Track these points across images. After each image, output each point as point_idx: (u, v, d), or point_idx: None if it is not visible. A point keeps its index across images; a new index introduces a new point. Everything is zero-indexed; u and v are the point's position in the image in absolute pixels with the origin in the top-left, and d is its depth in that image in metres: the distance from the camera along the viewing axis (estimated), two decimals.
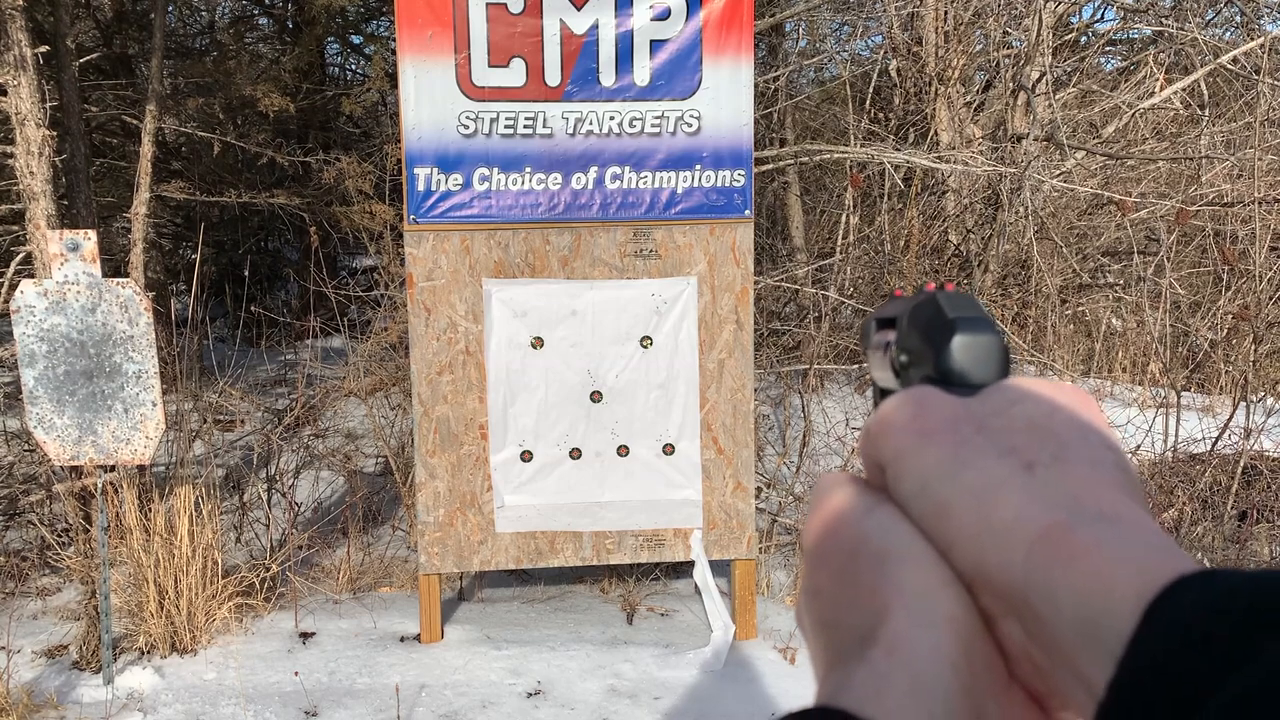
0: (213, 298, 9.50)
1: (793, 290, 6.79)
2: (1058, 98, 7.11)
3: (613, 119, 3.69)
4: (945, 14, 7.54)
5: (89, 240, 3.43)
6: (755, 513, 4.03)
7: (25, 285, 3.43)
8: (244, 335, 6.98)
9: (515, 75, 3.64)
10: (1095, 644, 0.28)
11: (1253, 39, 7.08)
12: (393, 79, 6.34)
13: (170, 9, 8.96)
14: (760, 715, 3.40)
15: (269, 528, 4.74)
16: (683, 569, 4.42)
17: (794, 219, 8.92)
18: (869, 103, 8.02)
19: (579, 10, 3.63)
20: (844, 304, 6.26)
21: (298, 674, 3.62)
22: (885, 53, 8.14)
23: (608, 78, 3.67)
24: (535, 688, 3.56)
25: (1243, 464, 4.69)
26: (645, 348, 3.82)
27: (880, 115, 8.20)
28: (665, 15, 3.67)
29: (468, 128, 3.65)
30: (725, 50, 3.70)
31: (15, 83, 4.12)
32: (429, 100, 3.62)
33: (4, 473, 5.24)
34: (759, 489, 4.86)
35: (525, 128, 3.67)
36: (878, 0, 8.32)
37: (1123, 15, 8.40)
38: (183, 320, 6.79)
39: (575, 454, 3.87)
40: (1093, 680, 0.29)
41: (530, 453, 3.85)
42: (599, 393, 3.83)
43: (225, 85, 7.30)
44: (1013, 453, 0.33)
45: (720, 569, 4.06)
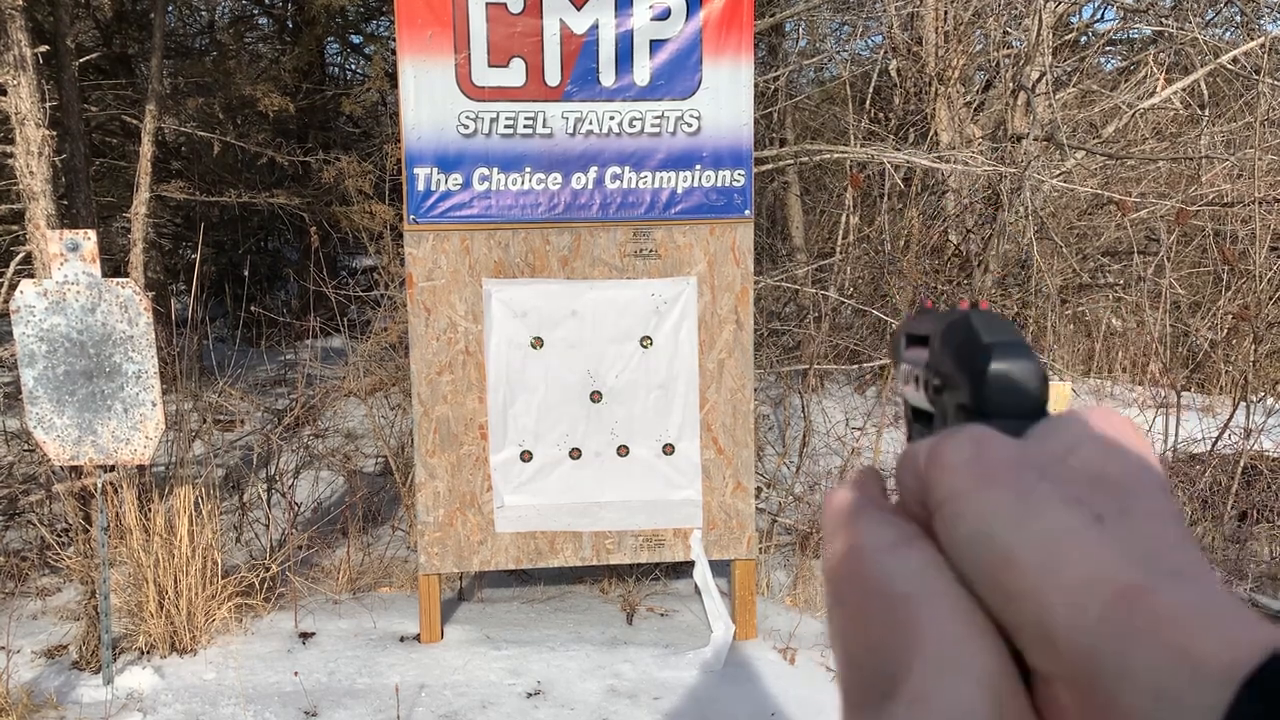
0: (213, 298, 9.50)
1: (793, 290, 6.79)
2: (1058, 98, 7.11)
3: (613, 119, 3.69)
4: (945, 14, 7.54)
5: (89, 240, 3.42)
6: (755, 513, 4.03)
7: (25, 285, 3.42)
8: (244, 335, 6.98)
9: (515, 75, 3.64)
10: (1176, 717, 0.27)
11: (1253, 39, 7.07)
12: (393, 79, 6.35)
13: (170, 9, 8.96)
14: (760, 715, 3.40)
15: (269, 528, 4.73)
16: (683, 569, 4.42)
17: (794, 219, 8.93)
18: (869, 103, 8.02)
19: (579, 10, 3.63)
20: (844, 304, 6.26)
21: (297, 674, 3.62)
22: (885, 53, 8.14)
23: (608, 78, 3.67)
24: (535, 688, 3.56)
25: (1243, 464, 4.69)
26: (645, 348, 3.82)
27: (880, 115, 8.20)
28: (665, 15, 3.67)
29: (467, 128, 3.65)
30: (725, 50, 3.70)
31: (15, 82, 4.12)
32: (429, 100, 3.62)
33: (4, 473, 5.24)
34: (759, 489, 4.86)
35: (525, 128, 3.67)
36: (878, 0, 8.32)
37: (1123, 15, 8.40)
38: (183, 320, 6.79)
39: (575, 454, 3.86)
40: None
41: (530, 453, 3.85)
42: (599, 393, 3.83)
43: (225, 85, 7.30)
44: (1080, 503, 0.31)
45: (720, 569, 4.06)
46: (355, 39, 10.62)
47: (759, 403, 5.79)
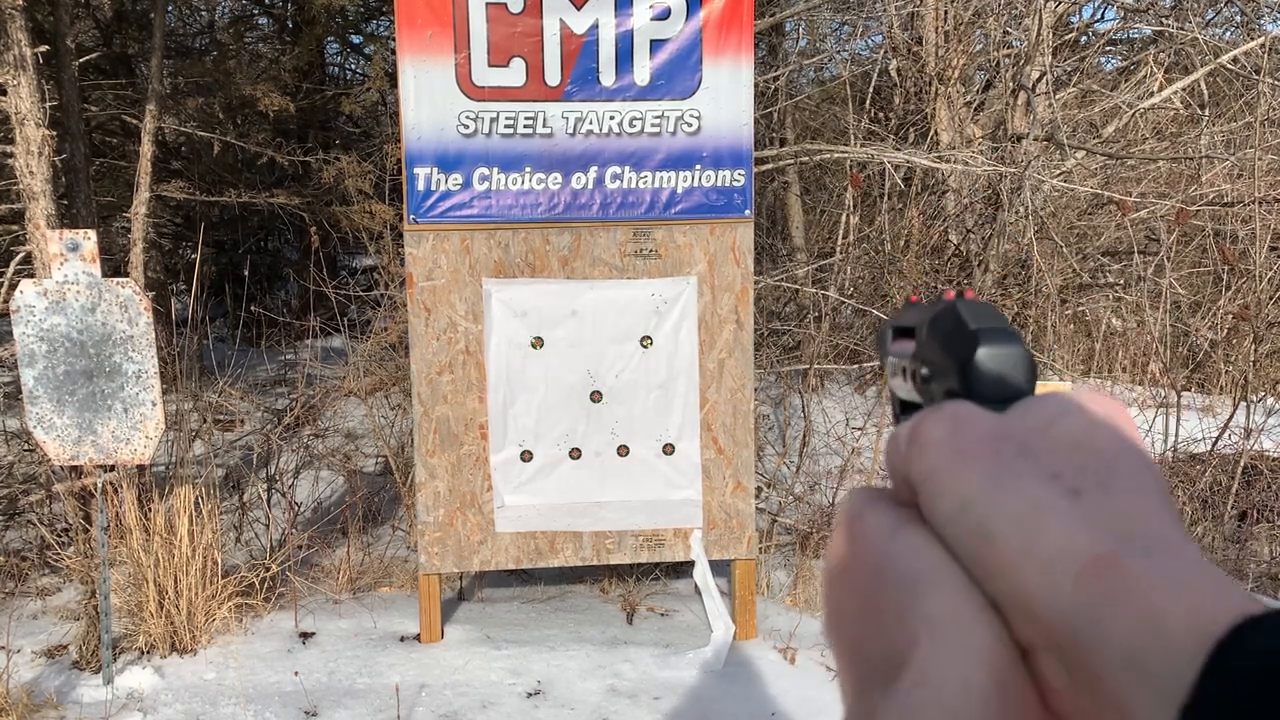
0: (213, 298, 9.50)
1: (793, 290, 6.79)
2: (1058, 98, 7.11)
3: (613, 119, 3.69)
4: (945, 14, 7.54)
5: (89, 240, 3.42)
6: (755, 513, 4.03)
7: (25, 285, 3.42)
8: (244, 335, 6.98)
9: (515, 75, 3.64)
10: (1146, 685, 0.27)
11: (1253, 39, 7.08)
12: (393, 79, 6.34)
13: (170, 9, 8.96)
14: (760, 715, 3.40)
15: (269, 528, 4.73)
16: (683, 569, 4.42)
17: (794, 219, 8.93)
18: (869, 103, 8.03)
19: (579, 10, 3.63)
20: (844, 304, 6.26)
21: (298, 674, 3.62)
22: (885, 52, 8.14)
23: (608, 77, 3.67)
24: (535, 688, 3.56)
25: (1243, 464, 4.69)
26: (645, 348, 3.82)
27: (880, 115, 8.20)
28: (665, 15, 3.67)
29: (467, 127, 3.65)
30: (725, 50, 3.70)
31: (15, 82, 4.12)
32: (429, 100, 3.62)
33: (4, 473, 5.24)
34: (759, 489, 4.86)
35: (525, 127, 3.67)
36: (878, 0, 8.32)
37: (1123, 15, 8.40)
38: (183, 320, 6.79)
39: (575, 454, 3.86)
40: None
41: (530, 453, 3.85)
42: (599, 393, 3.83)
43: (225, 85, 7.30)
44: (1057, 478, 0.31)
45: (720, 569, 4.06)
46: (355, 39, 10.63)
47: (759, 403, 5.79)
